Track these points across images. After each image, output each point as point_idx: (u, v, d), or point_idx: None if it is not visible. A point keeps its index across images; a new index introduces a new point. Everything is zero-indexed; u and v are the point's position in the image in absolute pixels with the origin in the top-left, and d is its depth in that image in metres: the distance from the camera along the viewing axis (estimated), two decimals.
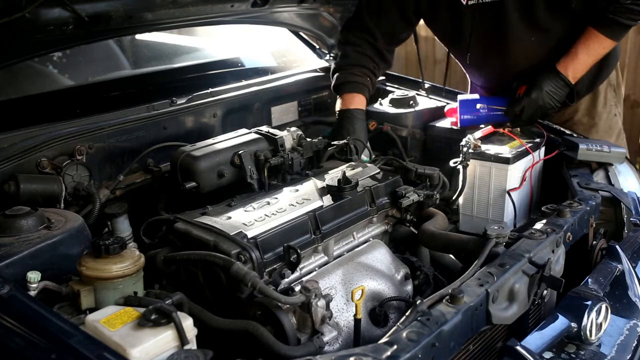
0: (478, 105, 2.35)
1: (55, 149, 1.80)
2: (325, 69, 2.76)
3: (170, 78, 2.56)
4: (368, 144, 2.28)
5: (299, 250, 1.49)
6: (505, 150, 2.06)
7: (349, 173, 1.82)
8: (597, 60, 2.27)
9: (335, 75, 2.47)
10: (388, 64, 2.58)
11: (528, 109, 2.22)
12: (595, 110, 2.53)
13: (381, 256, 1.66)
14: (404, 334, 1.20)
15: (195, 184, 1.77)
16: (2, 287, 1.23)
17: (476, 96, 2.43)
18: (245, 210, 1.65)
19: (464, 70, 2.64)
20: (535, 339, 1.44)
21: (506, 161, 2.02)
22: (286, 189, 1.79)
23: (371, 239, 1.78)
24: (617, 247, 1.78)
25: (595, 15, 2.19)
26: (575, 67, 2.23)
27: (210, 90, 2.28)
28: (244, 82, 2.42)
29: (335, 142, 2.15)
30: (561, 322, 1.49)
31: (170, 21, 2.16)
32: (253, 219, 1.58)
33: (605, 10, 2.14)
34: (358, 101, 2.40)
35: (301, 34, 2.92)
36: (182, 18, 2.16)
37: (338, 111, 2.40)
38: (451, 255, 1.87)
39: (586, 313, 1.47)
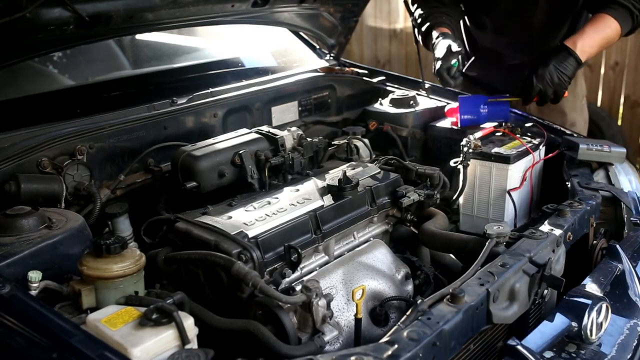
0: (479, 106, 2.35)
1: (55, 148, 1.80)
2: (326, 69, 2.76)
3: (171, 78, 2.56)
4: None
5: (299, 250, 1.49)
6: (505, 150, 2.06)
7: (349, 173, 1.82)
8: (605, 39, 2.34)
9: (422, 25, 2.60)
10: (459, 13, 2.70)
11: (536, 84, 2.25)
12: None
13: (382, 256, 1.66)
14: (405, 334, 1.20)
15: (195, 184, 1.77)
16: (3, 286, 1.23)
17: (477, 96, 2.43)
18: (246, 210, 1.65)
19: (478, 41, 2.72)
20: (536, 339, 1.44)
21: (507, 161, 2.02)
22: (287, 189, 1.79)
23: (372, 239, 1.78)
24: (618, 246, 1.78)
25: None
26: (584, 41, 2.28)
27: (211, 90, 2.28)
28: (244, 82, 2.42)
29: (336, 142, 2.16)
30: (562, 322, 1.49)
31: (170, 21, 2.16)
32: (254, 218, 1.58)
33: None
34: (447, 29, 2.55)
35: (301, 34, 2.92)
36: (183, 18, 2.16)
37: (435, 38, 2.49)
38: (451, 255, 1.87)
39: (587, 312, 1.47)
